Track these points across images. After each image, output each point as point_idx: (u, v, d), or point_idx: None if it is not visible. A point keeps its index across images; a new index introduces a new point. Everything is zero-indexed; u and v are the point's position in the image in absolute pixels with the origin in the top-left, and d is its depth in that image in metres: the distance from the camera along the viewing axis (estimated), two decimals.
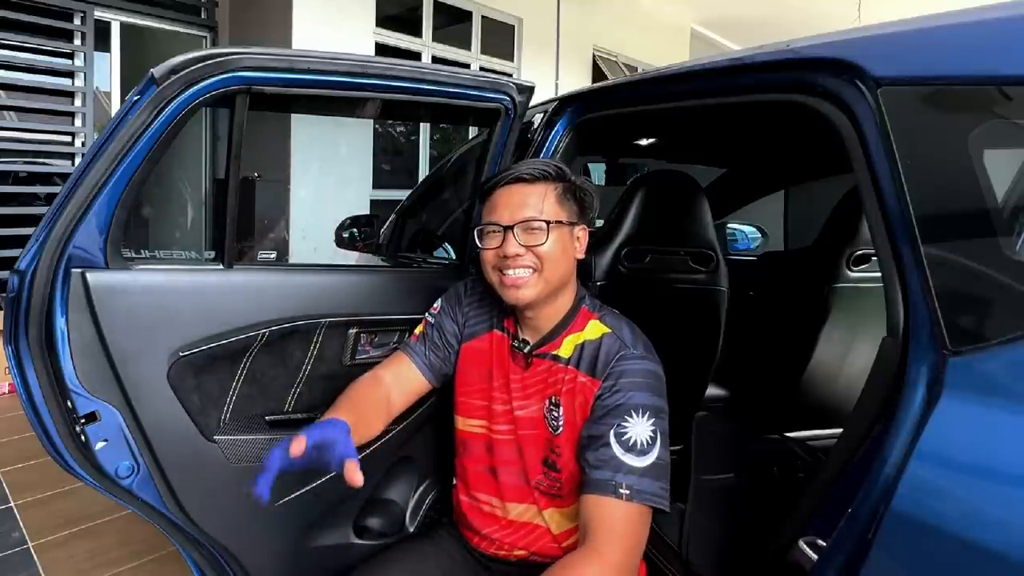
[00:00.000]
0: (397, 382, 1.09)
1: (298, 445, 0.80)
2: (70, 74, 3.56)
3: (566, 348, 1.00)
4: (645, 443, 0.89)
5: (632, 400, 0.92)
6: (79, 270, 0.93)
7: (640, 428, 0.90)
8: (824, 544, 0.72)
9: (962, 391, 0.64)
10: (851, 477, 0.71)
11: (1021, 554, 0.55)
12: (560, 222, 0.98)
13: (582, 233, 1.03)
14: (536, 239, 0.96)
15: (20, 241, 3.14)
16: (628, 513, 0.85)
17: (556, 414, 1.00)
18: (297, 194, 3.78)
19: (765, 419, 1.77)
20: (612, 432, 0.90)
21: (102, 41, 3.71)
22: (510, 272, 0.97)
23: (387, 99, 1.13)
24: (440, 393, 1.20)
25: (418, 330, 1.14)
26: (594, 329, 1.01)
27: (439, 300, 1.15)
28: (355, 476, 0.79)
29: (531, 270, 0.97)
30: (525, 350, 1.03)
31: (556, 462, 1.00)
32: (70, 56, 3.55)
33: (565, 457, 0.99)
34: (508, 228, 0.97)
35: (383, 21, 4.40)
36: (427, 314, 1.14)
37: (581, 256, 1.03)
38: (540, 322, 1.02)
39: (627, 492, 0.85)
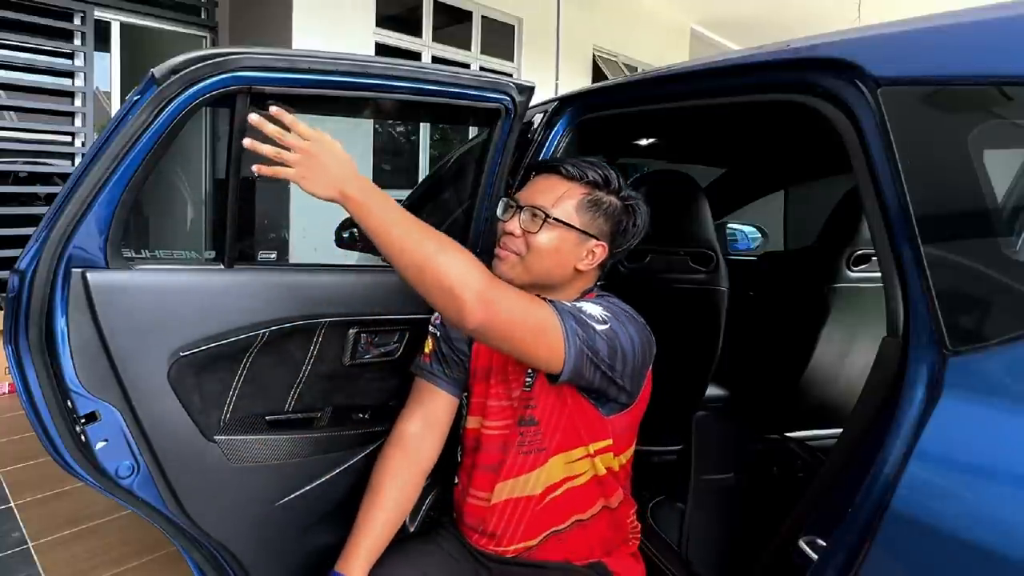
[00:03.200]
0: (432, 426, 1.09)
1: None
2: (70, 74, 3.55)
3: None
4: (590, 312, 0.91)
5: (586, 304, 0.95)
6: (79, 270, 0.93)
7: (593, 308, 0.93)
8: (824, 543, 0.72)
9: (962, 391, 0.64)
10: (851, 477, 0.71)
11: (1020, 554, 0.55)
12: (566, 224, 0.98)
13: (598, 249, 1.00)
14: (532, 227, 0.98)
15: (20, 241, 3.13)
16: (541, 301, 0.88)
17: (531, 371, 1.01)
18: (297, 194, 3.77)
19: (765, 419, 1.77)
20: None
21: (102, 41, 3.71)
22: (500, 248, 1.00)
23: (387, 99, 1.13)
24: None
25: (427, 348, 1.12)
26: None
27: None
28: None
29: (515, 254, 0.99)
30: None
31: (533, 415, 1.01)
32: (70, 56, 3.55)
33: (540, 407, 1.00)
34: (520, 208, 1.00)
35: (383, 21, 4.39)
36: (431, 326, 1.14)
37: (583, 269, 1.01)
38: None
39: (550, 300, 0.90)
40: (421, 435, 1.08)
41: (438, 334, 1.12)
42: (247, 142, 0.81)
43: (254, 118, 0.80)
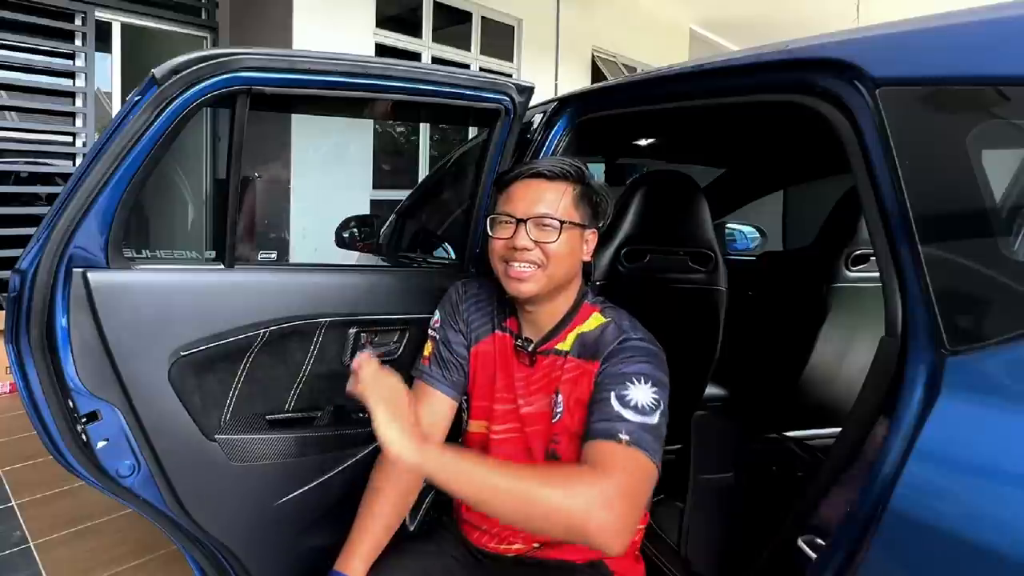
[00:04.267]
0: (432, 427, 1.08)
1: None
2: (71, 75, 3.56)
3: (568, 342, 1.02)
4: (647, 406, 0.89)
5: (633, 368, 0.93)
6: (80, 270, 0.93)
7: (642, 393, 0.90)
8: (823, 543, 0.72)
9: (960, 391, 0.64)
10: (850, 476, 0.72)
11: (1019, 553, 0.55)
12: (573, 223, 0.99)
13: (591, 236, 1.04)
14: (547, 236, 0.97)
15: (21, 241, 3.14)
16: (628, 455, 0.84)
17: (557, 401, 1.01)
18: (297, 194, 3.78)
19: (764, 418, 1.77)
20: (614, 394, 0.90)
21: (103, 42, 3.72)
22: (516, 265, 0.98)
23: (387, 99, 1.14)
24: None
25: (427, 351, 1.12)
26: (594, 320, 1.02)
27: (437, 312, 1.14)
28: None
29: (536, 266, 0.98)
30: (529, 348, 1.04)
31: (556, 450, 1.01)
32: (71, 57, 3.55)
33: (563, 444, 1.00)
34: (521, 221, 0.98)
35: (383, 22, 4.39)
36: (430, 329, 1.14)
37: (587, 259, 1.04)
38: (541, 318, 1.03)
39: (626, 438, 0.84)
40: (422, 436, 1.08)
41: (437, 337, 1.12)
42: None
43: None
